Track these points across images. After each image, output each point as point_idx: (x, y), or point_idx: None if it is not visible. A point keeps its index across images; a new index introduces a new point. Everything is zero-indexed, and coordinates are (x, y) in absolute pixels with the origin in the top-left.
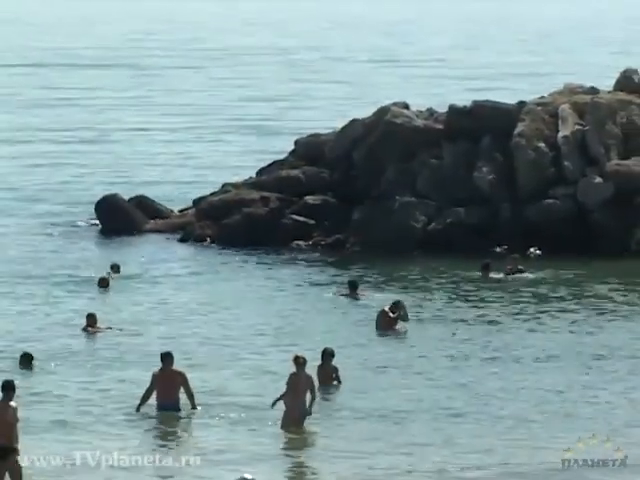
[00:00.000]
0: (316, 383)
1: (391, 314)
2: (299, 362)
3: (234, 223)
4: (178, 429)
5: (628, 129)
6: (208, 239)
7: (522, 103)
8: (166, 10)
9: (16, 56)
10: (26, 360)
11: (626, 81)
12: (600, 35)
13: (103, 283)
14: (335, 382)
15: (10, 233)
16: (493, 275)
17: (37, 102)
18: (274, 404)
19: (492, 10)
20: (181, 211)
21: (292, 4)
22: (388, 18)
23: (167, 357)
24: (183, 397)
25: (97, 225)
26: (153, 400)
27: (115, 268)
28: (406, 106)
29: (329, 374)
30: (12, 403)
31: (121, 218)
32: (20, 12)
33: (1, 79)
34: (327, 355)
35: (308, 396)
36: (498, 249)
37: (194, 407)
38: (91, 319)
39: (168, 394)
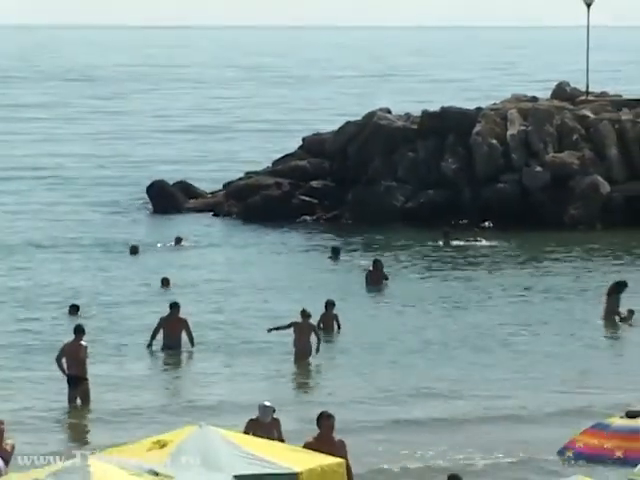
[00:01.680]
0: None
1: (373, 270)
2: (305, 315)
3: (255, 202)
4: (196, 363)
5: (561, 129)
6: (234, 215)
7: (479, 109)
8: (199, 36)
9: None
10: (74, 310)
11: (560, 91)
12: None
13: (134, 250)
14: (336, 326)
15: (79, 213)
16: (452, 242)
17: (93, 110)
18: (270, 330)
19: (447, 38)
20: (213, 193)
21: (297, 33)
22: (371, 45)
23: (174, 306)
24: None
25: (148, 204)
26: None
27: (178, 240)
28: (389, 111)
29: (331, 320)
30: (82, 342)
31: (167, 198)
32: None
33: (58, 90)
34: (329, 305)
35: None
36: (460, 222)
37: (192, 345)
38: (165, 281)
39: (173, 336)
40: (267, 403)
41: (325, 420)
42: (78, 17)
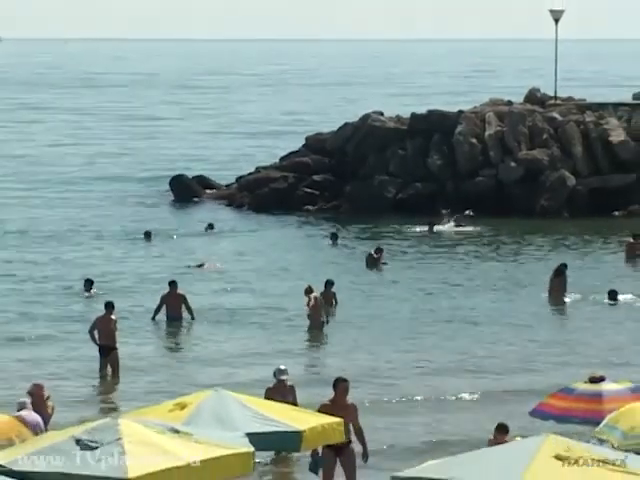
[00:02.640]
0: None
1: (375, 255)
2: (311, 290)
3: (264, 194)
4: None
5: (533, 129)
6: (246, 205)
7: (461, 112)
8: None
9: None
10: (88, 284)
11: (531, 96)
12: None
13: (147, 236)
14: (334, 302)
15: (108, 202)
16: (435, 229)
17: (126, 114)
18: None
19: (432, 49)
20: (227, 185)
21: (300, 46)
22: (361, 53)
23: (173, 284)
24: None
25: (170, 195)
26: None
27: (210, 226)
28: (381, 113)
29: (330, 297)
30: (112, 316)
31: (186, 190)
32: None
33: (99, 97)
34: (328, 284)
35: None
36: (444, 211)
37: (192, 318)
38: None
39: (174, 309)
40: (282, 366)
41: (340, 383)
42: (110, 32)
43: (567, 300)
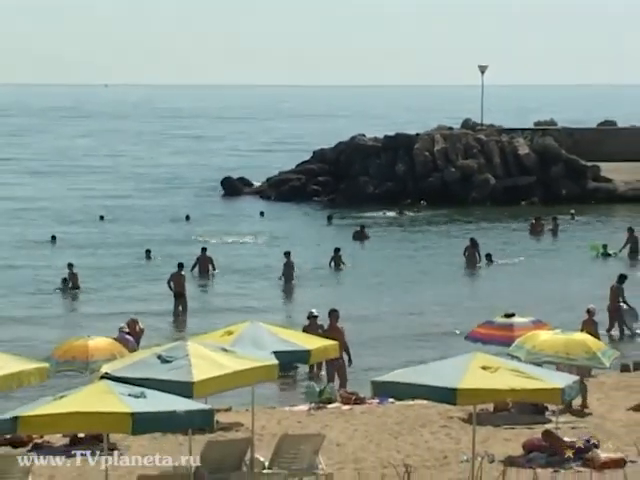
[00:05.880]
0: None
1: (359, 230)
2: (288, 255)
3: (285, 190)
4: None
5: (467, 146)
6: (273, 197)
7: (418, 134)
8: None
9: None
10: (148, 253)
11: (466, 124)
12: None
13: (188, 217)
14: (342, 264)
15: (174, 198)
16: (404, 214)
17: (177, 135)
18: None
19: (397, 92)
20: (260, 184)
21: (306, 91)
22: (351, 92)
23: (203, 250)
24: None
25: (221, 191)
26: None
27: (261, 213)
28: (364, 135)
29: (339, 260)
30: (182, 272)
31: (233, 187)
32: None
33: (155, 124)
34: (336, 250)
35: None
36: (407, 201)
37: (214, 270)
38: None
39: (204, 267)
40: (314, 310)
41: (333, 313)
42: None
43: (479, 265)
